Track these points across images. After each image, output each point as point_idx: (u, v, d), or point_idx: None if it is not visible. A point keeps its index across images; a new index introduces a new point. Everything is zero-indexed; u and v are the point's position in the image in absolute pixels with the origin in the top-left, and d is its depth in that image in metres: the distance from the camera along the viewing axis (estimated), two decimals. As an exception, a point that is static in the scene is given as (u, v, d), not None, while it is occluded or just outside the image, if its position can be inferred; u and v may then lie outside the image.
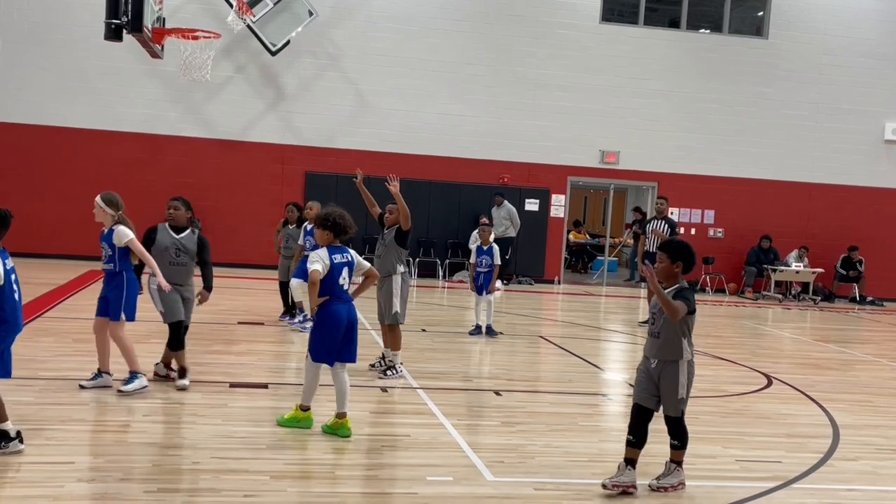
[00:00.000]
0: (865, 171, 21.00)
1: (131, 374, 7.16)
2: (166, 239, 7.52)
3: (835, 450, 6.77)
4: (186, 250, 7.56)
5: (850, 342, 14.36)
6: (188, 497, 4.87)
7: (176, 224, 7.59)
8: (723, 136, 20.48)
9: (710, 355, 11.00)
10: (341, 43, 19.03)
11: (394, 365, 8.44)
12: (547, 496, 5.31)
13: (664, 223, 13.96)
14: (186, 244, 7.57)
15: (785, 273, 19.98)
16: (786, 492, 5.67)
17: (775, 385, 9.34)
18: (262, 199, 18.41)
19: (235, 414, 6.82)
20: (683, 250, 5.56)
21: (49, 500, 4.68)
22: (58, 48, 17.88)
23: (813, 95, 20.72)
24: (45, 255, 17.51)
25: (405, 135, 19.18)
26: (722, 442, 6.78)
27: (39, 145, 17.93)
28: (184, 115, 18.52)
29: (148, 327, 10.41)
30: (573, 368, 9.84)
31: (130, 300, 7.15)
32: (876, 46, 20.84)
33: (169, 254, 7.48)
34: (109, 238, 7.12)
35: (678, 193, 20.29)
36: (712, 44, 20.62)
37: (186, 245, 7.56)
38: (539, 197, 19.96)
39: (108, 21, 11.66)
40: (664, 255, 5.57)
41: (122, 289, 7.10)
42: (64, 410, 6.45)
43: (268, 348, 9.98)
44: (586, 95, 19.90)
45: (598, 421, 7.57)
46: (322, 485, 5.25)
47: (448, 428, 6.68)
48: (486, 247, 11.45)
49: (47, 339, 9.28)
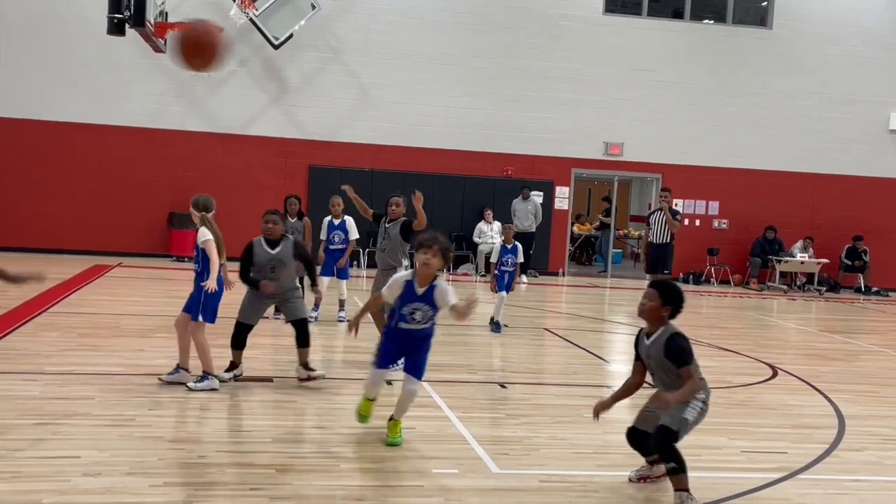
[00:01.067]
0: (870, 161, 20.93)
1: (204, 374, 7.23)
2: (262, 256, 7.53)
3: (840, 440, 6.76)
4: (284, 265, 7.57)
5: (856, 332, 14.33)
6: (194, 491, 4.87)
7: (272, 238, 7.58)
8: (727, 127, 20.43)
9: (715, 346, 10.99)
10: (344, 36, 19.00)
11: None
12: (552, 488, 5.31)
13: (666, 214, 14.00)
14: (283, 258, 7.57)
15: (790, 264, 19.94)
16: (791, 482, 5.67)
17: (780, 376, 9.33)
18: (266, 192, 18.37)
19: (241, 407, 6.83)
20: (676, 295, 5.21)
21: (55, 495, 4.69)
22: (60, 43, 17.88)
23: (817, 85, 20.64)
24: (48, 250, 17.54)
25: (408, 128, 19.16)
26: (727, 433, 6.77)
27: (42, 140, 17.94)
28: (187, 110, 18.52)
29: (154, 321, 10.44)
30: (578, 360, 9.83)
31: (210, 302, 7.15)
32: (881, 36, 20.75)
33: (265, 271, 7.50)
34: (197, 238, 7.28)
35: (682, 185, 20.26)
36: (716, 34, 20.55)
37: (283, 259, 7.56)
38: (543, 189, 19.93)
39: (110, 15, 11.67)
40: (655, 293, 5.20)
41: (203, 289, 7.13)
42: (69, 405, 6.45)
43: (272, 342, 9.98)
44: (590, 87, 19.85)
45: (604, 413, 7.55)
46: (327, 478, 5.25)
47: (453, 420, 6.68)
48: (510, 245, 11.33)
49: (52, 333, 9.29)
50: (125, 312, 11.19)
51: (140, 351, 8.67)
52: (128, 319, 10.53)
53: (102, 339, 9.16)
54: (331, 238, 11.16)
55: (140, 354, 8.51)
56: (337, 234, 11.15)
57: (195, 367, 7.30)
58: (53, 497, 4.66)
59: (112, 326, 9.94)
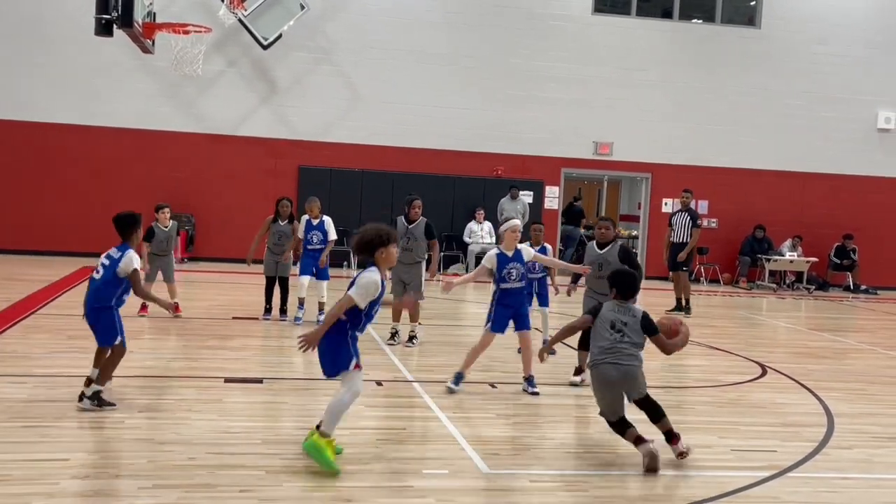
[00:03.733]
0: (858, 160, 21.01)
1: (458, 374, 7.74)
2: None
3: (829, 438, 6.79)
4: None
5: (845, 331, 14.39)
6: (184, 493, 4.86)
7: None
8: (716, 127, 20.48)
9: (704, 345, 11.01)
10: (334, 36, 18.97)
11: (415, 335, 9.85)
12: (542, 488, 5.31)
13: (686, 215, 14.75)
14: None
15: (779, 262, 20.01)
16: (781, 480, 5.69)
17: (770, 374, 9.36)
18: (256, 193, 18.34)
19: (231, 409, 6.82)
20: (621, 278, 6.19)
21: (44, 498, 4.67)
22: (48, 44, 17.79)
23: (805, 84, 20.71)
24: (37, 251, 17.47)
25: (399, 127, 19.13)
26: (717, 431, 6.80)
27: (30, 142, 17.85)
28: (176, 110, 18.45)
29: (142, 323, 10.40)
30: (567, 360, 9.82)
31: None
32: (868, 35, 20.84)
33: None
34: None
35: (672, 184, 20.29)
36: (705, 34, 20.60)
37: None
38: (533, 189, 19.94)
39: (98, 16, 11.60)
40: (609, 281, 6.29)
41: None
42: (58, 407, 6.43)
43: (263, 343, 9.97)
44: (579, 87, 19.88)
45: (593, 412, 7.55)
46: (318, 479, 5.24)
47: (443, 421, 6.68)
48: (538, 247, 9.59)
49: (41, 335, 9.26)
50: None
51: (129, 353, 8.59)
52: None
53: (91, 342, 9.02)
54: (308, 238, 11.05)
55: (129, 356, 8.41)
56: (315, 234, 11.07)
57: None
58: (42, 500, 4.64)
59: (101, 328, 9.88)
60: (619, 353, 5.80)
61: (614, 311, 5.98)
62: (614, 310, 5.99)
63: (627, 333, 5.87)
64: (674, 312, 14.18)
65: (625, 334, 5.87)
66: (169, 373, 7.92)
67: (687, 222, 14.63)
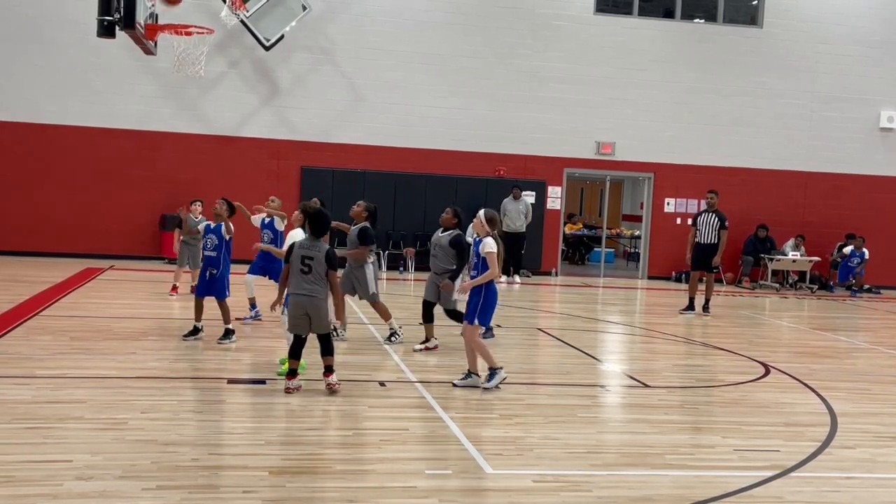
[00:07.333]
0: (861, 160, 20.99)
1: (491, 371, 7.79)
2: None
3: (833, 438, 6.79)
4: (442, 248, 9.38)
5: (848, 330, 14.37)
6: (187, 494, 4.87)
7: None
8: (718, 126, 20.46)
9: (707, 345, 11.01)
10: (335, 37, 18.98)
11: (395, 331, 9.83)
12: (546, 488, 5.31)
13: (714, 216, 14.47)
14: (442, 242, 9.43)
15: (782, 262, 19.99)
16: (784, 480, 5.68)
17: (773, 374, 9.35)
18: (258, 194, 18.27)
19: (234, 410, 6.82)
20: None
21: (48, 499, 4.68)
22: (50, 45, 17.81)
23: (808, 84, 20.70)
24: (39, 253, 17.49)
25: (400, 128, 19.14)
26: (720, 431, 6.79)
27: (33, 143, 17.87)
28: (178, 112, 18.47)
29: (146, 324, 10.42)
30: (571, 360, 9.84)
31: (485, 306, 7.71)
32: (870, 34, 20.82)
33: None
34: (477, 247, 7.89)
35: (674, 184, 20.31)
36: (707, 34, 20.59)
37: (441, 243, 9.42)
38: (535, 189, 19.93)
39: (100, 18, 11.60)
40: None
41: (479, 295, 7.66)
42: (61, 408, 6.44)
43: (266, 344, 9.97)
44: (581, 87, 19.86)
45: (597, 412, 7.58)
46: (321, 480, 5.24)
47: (446, 421, 6.68)
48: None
49: (44, 337, 9.26)
50: (117, 315, 11.16)
51: (132, 354, 8.65)
52: (120, 322, 10.49)
53: (94, 343, 9.13)
54: (263, 236, 11.56)
55: (132, 357, 8.49)
56: (267, 232, 11.69)
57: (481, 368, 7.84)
58: (46, 501, 4.65)
59: (104, 329, 9.91)
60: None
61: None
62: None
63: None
64: (688, 312, 14.18)
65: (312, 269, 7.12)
66: (172, 374, 7.92)
67: (714, 223, 14.37)
